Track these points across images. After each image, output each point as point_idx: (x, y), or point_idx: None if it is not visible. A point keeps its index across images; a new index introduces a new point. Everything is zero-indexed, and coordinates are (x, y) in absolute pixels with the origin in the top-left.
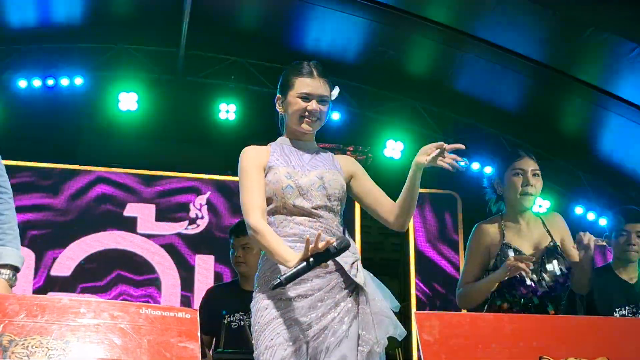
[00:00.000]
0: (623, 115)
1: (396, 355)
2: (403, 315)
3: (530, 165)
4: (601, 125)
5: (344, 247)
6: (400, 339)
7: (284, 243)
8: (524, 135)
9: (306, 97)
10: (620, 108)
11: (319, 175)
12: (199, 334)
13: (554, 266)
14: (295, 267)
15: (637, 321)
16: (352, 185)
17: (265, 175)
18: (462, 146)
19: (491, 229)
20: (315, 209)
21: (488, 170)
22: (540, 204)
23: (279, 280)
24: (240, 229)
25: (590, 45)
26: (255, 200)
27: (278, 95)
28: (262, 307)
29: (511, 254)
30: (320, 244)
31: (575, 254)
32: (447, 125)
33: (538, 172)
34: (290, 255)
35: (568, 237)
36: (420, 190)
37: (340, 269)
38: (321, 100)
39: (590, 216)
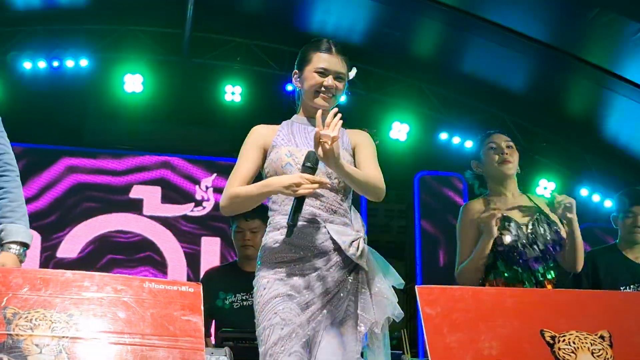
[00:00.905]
0: (629, 96)
1: (402, 336)
2: (409, 296)
3: (502, 139)
4: (607, 106)
5: (315, 160)
6: (397, 321)
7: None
8: (529, 117)
9: (323, 73)
10: (626, 89)
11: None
12: (202, 308)
13: (545, 230)
14: (291, 207)
15: (638, 294)
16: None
17: (269, 155)
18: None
19: (476, 205)
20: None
21: (469, 144)
22: (546, 186)
23: (290, 225)
24: (249, 212)
25: (596, 26)
26: (238, 176)
27: (295, 70)
28: (262, 286)
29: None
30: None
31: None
32: (453, 107)
33: (512, 144)
34: (277, 179)
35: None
36: (425, 173)
37: (339, 247)
38: (338, 76)
39: (596, 198)
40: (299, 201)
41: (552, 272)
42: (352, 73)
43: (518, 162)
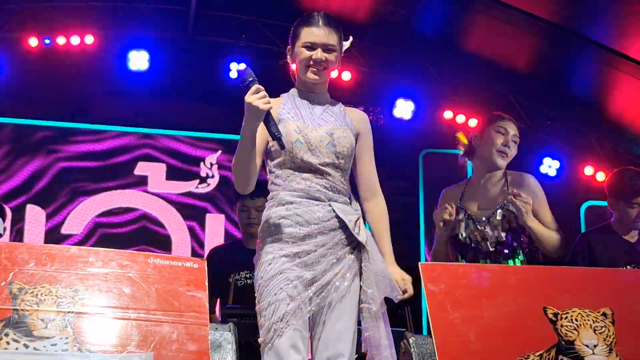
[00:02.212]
0: (634, 75)
1: (406, 313)
2: (413, 273)
3: (513, 129)
4: (612, 85)
5: (251, 77)
6: (396, 302)
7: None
8: (534, 95)
9: (311, 47)
10: (631, 68)
11: (329, 132)
12: (206, 283)
13: (497, 230)
14: (270, 123)
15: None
16: (358, 148)
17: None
18: None
19: (451, 194)
20: (323, 165)
21: (473, 122)
22: (550, 164)
23: (279, 136)
24: (255, 190)
25: (601, 4)
26: None
27: (288, 47)
28: (266, 262)
29: (460, 216)
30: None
31: (542, 218)
32: (458, 86)
33: (517, 139)
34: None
35: (536, 200)
36: (430, 151)
37: (343, 225)
38: (327, 49)
39: (600, 176)
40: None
41: (514, 262)
42: (347, 43)
43: (513, 157)
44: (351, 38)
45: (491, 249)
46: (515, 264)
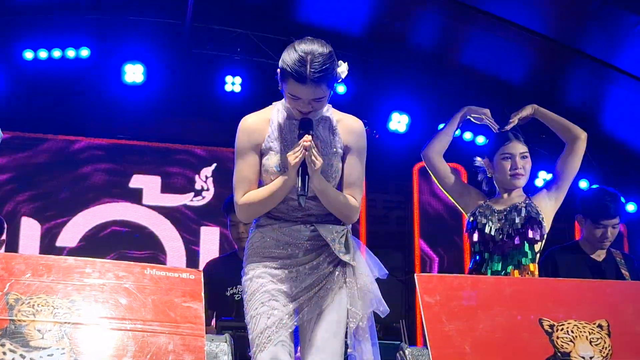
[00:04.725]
0: (628, 89)
1: (400, 327)
2: (407, 287)
3: (518, 148)
4: (606, 99)
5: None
6: (383, 316)
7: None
8: None
9: (297, 98)
10: (626, 82)
11: None
12: (202, 294)
13: (519, 215)
14: (299, 178)
15: (636, 284)
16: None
17: (263, 156)
18: None
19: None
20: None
21: (481, 140)
22: (545, 178)
23: (302, 195)
24: None
25: (595, 18)
26: (242, 185)
27: (278, 70)
28: (249, 278)
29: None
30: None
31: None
32: (453, 99)
33: (527, 154)
34: (283, 177)
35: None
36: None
37: (326, 244)
38: (315, 100)
39: None
40: (303, 169)
41: (526, 258)
42: (343, 71)
43: (530, 168)
44: (345, 66)
45: (505, 239)
46: (522, 258)
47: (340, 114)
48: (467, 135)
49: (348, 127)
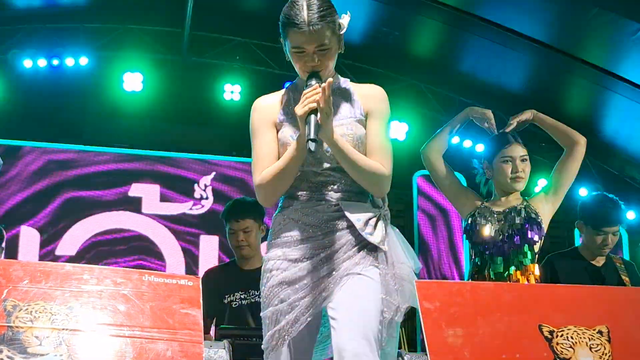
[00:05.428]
0: (628, 96)
1: (401, 334)
2: None
3: (518, 151)
4: (606, 106)
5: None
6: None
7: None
8: None
9: (302, 51)
10: (625, 89)
11: None
12: (201, 301)
13: (518, 215)
14: (307, 124)
15: (636, 290)
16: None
17: (279, 130)
18: None
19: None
20: (327, 170)
21: (480, 148)
22: (544, 186)
23: (310, 139)
24: (238, 212)
25: (595, 26)
26: (261, 162)
27: (280, 38)
28: (268, 269)
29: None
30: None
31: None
32: (452, 107)
33: (526, 157)
34: (295, 142)
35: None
36: (424, 173)
37: (351, 226)
38: (319, 49)
39: None
40: (313, 115)
41: (526, 259)
42: (346, 21)
43: (529, 172)
44: (348, 18)
45: (505, 239)
46: (523, 259)
47: (359, 84)
48: (467, 144)
49: (367, 92)
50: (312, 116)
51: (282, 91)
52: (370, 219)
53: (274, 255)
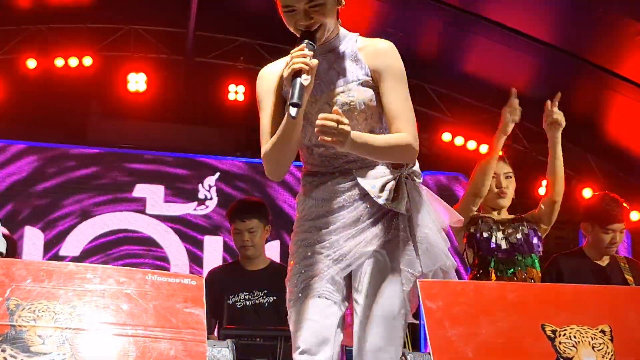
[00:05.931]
0: (632, 97)
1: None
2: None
3: (503, 168)
4: (610, 107)
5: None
6: (449, 271)
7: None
8: (532, 117)
9: (292, 9)
10: (629, 90)
11: (329, 101)
12: (204, 300)
13: (518, 228)
14: (292, 87)
15: (639, 289)
16: (379, 87)
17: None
18: None
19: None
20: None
21: (484, 149)
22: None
23: (291, 104)
24: (243, 212)
25: (599, 26)
26: (266, 135)
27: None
28: (291, 253)
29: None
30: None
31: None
32: (456, 108)
33: (510, 174)
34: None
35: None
36: (428, 173)
37: (366, 194)
38: (311, 6)
39: None
40: (295, 77)
41: (531, 264)
42: None
43: (514, 189)
44: None
45: (510, 244)
46: (531, 264)
47: (367, 40)
48: (471, 145)
49: (373, 49)
50: (298, 79)
51: (288, 57)
52: (387, 182)
53: (297, 239)
